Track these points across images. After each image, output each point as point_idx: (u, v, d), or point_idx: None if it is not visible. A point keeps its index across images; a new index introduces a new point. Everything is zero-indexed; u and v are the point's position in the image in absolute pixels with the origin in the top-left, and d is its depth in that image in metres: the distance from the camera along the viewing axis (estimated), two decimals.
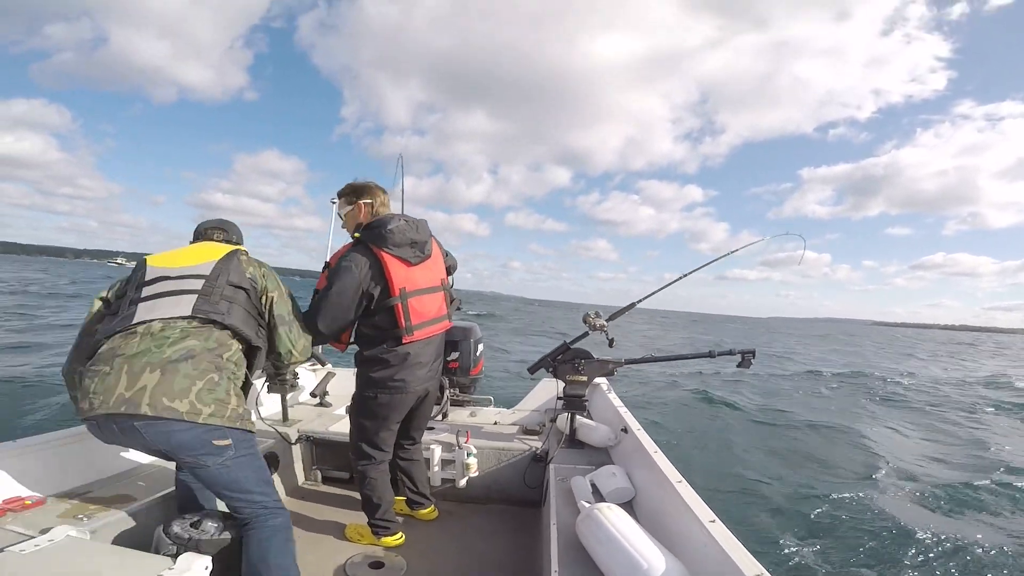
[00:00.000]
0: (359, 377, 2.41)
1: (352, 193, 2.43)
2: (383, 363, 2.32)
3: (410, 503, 2.78)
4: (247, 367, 1.90)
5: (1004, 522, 5.14)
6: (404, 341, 2.31)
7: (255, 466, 1.84)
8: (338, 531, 2.63)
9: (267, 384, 2.93)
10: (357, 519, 2.63)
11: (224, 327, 1.83)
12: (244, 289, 1.93)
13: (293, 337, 2.04)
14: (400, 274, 2.27)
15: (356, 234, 2.34)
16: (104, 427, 1.65)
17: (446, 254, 2.66)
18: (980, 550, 4.45)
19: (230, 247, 2.05)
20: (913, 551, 4.44)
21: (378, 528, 2.49)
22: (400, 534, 2.52)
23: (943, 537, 4.66)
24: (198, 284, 1.86)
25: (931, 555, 4.40)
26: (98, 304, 1.96)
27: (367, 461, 2.46)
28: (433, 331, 2.43)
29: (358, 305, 2.24)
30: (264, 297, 1.99)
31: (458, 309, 2.78)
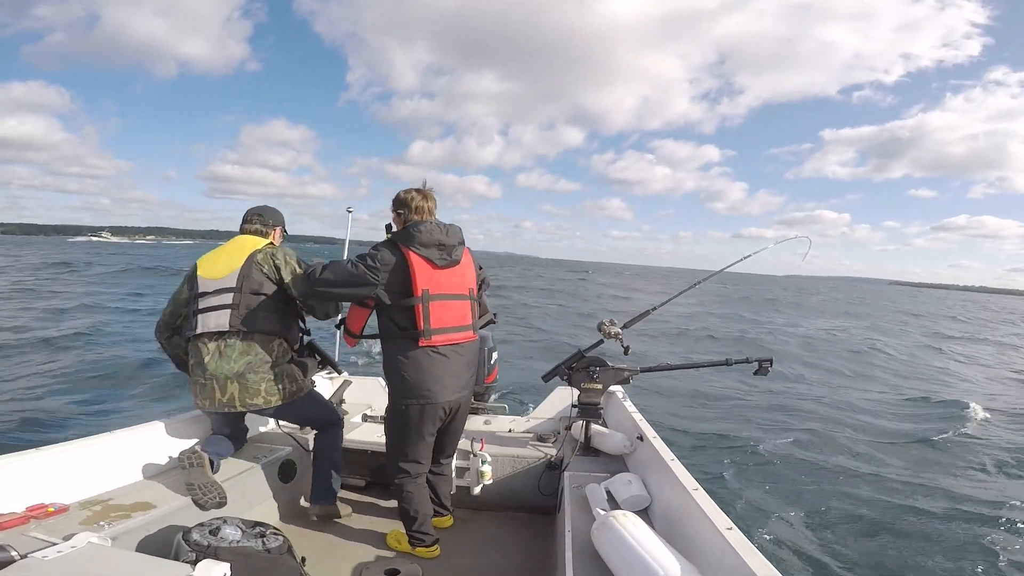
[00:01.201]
0: (390, 387, 2.44)
1: (393, 204, 2.50)
2: (405, 368, 2.32)
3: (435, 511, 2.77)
4: (292, 336, 2.62)
5: None
6: (420, 344, 2.30)
7: (313, 404, 2.73)
8: (354, 537, 2.64)
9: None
10: (375, 526, 2.67)
11: (263, 333, 2.47)
12: (264, 295, 2.48)
13: (312, 306, 2.63)
14: (424, 274, 2.29)
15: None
16: (216, 417, 2.58)
17: (479, 267, 2.64)
18: None
19: (250, 249, 2.54)
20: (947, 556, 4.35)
21: (414, 540, 2.48)
22: (436, 547, 2.49)
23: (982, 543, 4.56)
24: (229, 298, 2.45)
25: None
26: (185, 292, 2.60)
27: (404, 475, 2.46)
28: (455, 339, 2.39)
29: (348, 291, 2.36)
30: (283, 283, 2.53)
31: (492, 323, 2.79)
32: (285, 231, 2.87)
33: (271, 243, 2.67)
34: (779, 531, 4.69)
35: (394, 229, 2.46)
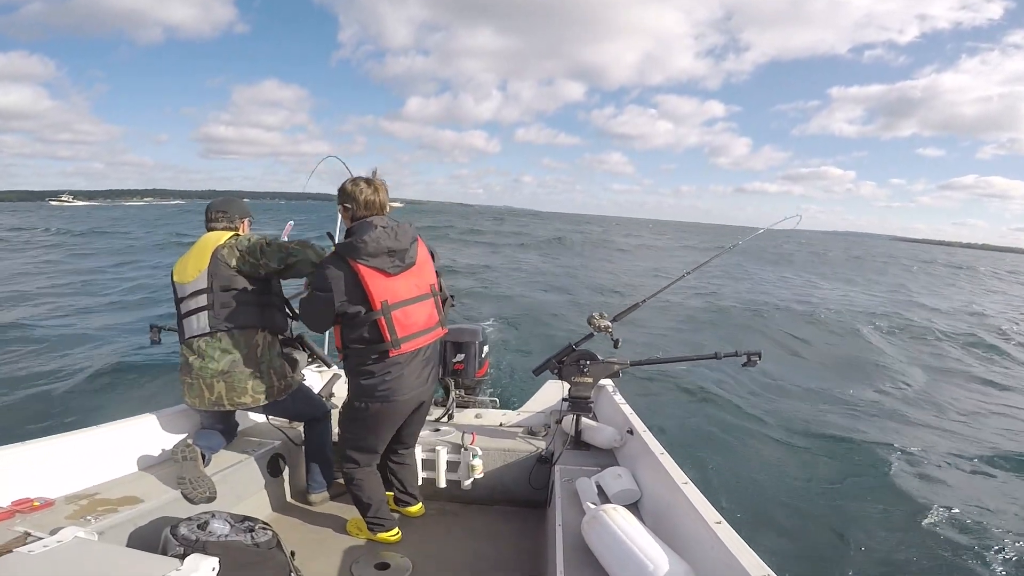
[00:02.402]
0: (349, 385, 2.40)
1: (339, 196, 2.34)
2: (370, 374, 2.28)
3: (397, 501, 2.79)
4: (280, 330, 2.63)
5: None
6: (391, 354, 2.24)
7: (303, 400, 2.75)
8: (344, 530, 2.64)
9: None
10: (358, 515, 2.65)
11: (242, 328, 2.45)
12: (235, 288, 2.43)
13: (293, 263, 2.46)
14: (380, 286, 2.19)
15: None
16: (207, 414, 2.56)
17: (433, 254, 2.54)
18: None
19: (213, 245, 2.46)
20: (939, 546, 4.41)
21: (373, 526, 2.50)
22: (396, 530, 2.52)
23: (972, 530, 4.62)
24: (203, 299, 2.43)
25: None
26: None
27: (353, 465, 2.46)
28: (424, 341, 2.35)
29: (336, 314, 2.23)
30: (258, 265, 2.44)
31: (452, 307, 2.75)
32: (252, 219, 2.78)
33: (235, 234, 2.59)
34: (768, 524, 4.74)
35: (337, 231, 2.32)
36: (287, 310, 2.71)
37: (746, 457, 6.39)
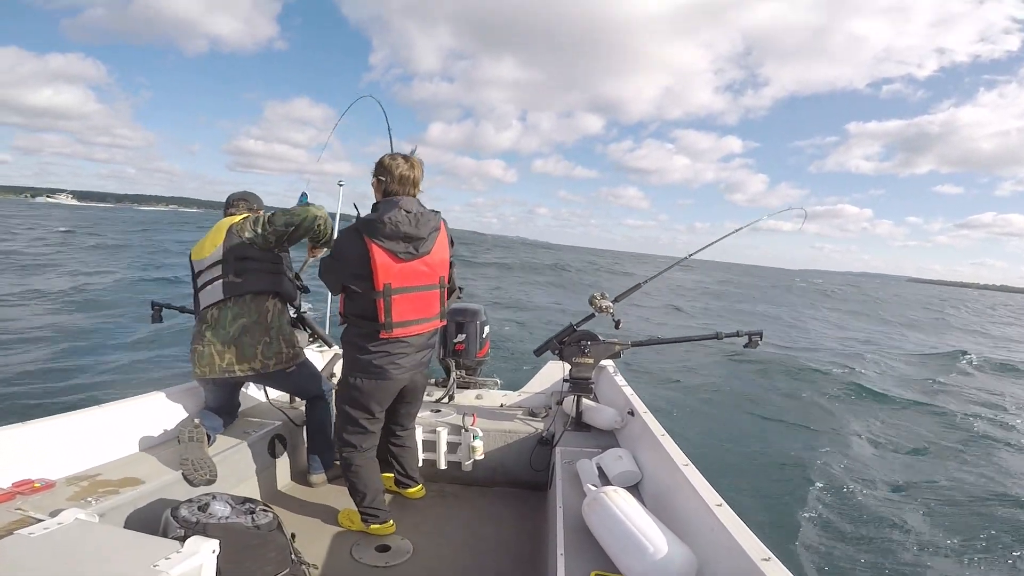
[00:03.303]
0: (344, 360, 2.43)
1: (375, 169, 2.34)
2: (364, 350, 2.30)
3: (398, 483, 2.80)
4: (290, 300, 2.74)
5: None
6: (381, 336, 2.26)
7: (308, 373, 2.79)
8: (346, 518, 2.64)
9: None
10: (352, 504, 2.65)
11: (254, 294, 2.54)
12: (247, 256, 2.53)
13: (299, 223, 2.52)
14: (387, 268, 2.19)
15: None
16: (215, 384, 2.55)
17: (452, 243, 2.50)
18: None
19: (227, 224, 2.59)
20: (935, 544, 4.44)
21: (367, 516, 2.46)
22: (390, 522, 2.48)
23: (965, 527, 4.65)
24: (218, 270, 2.52)
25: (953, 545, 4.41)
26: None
27: (350, 449, 2.44)
28: (418, 330, 2.34)
29: (343, 285, 2.31)
30: (268, 233, 2.53)
31: (458, 299, 2.74)
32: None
33: (247, 216, 2.68)
34: (769, 507, 4.77)
35: (362, 206, 2.30)
36: (297, 281, 2.82)
37: (756, 442, 6.43)
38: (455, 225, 2.57)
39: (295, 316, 2.94)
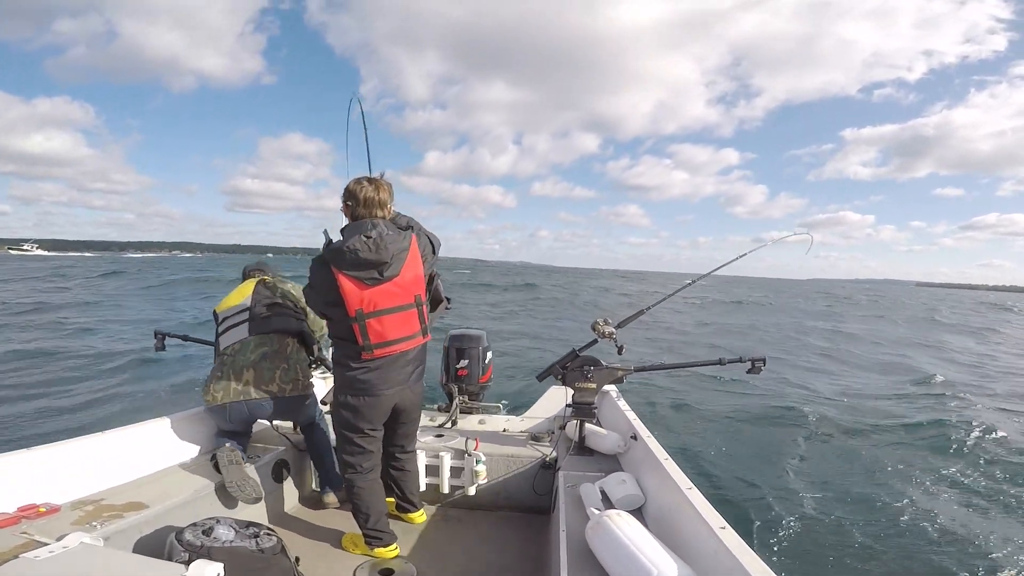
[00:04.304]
0: (334, 377, 2.47)
1: (343, 195, 2.39)
2: (349, 368, 2.34)
3: (398, 507, 2.79)
4: (309, 346, 2.90)
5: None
6: (363, 357, 2.29)
7: (314, 401, 2.86)
8: (349, 540, 2.63)
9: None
10: (357, 528, 2.64)
11: (276, 332, 2.73)
12: (276, 303, 2.81)
13: (310, 321, 2.93)
14: (355, 295, 2.21)
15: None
16: (231, 409, 2.57)
17: (432, 252, 2.48)
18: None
19: (256, 280, 2.93)
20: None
21: (370, 539, 2.45)
22: (394, 546, 2.47)
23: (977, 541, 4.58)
24: (245, 316, 2.75)
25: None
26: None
27: (352, 471, 2.45)
28: (401, 348, 2.34)
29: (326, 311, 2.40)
30: (296, 303, 2.87)
31: (447, 310, 2.75)
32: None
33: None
34: (774, 531, 4.71)
35: (331, 232, 2.37)
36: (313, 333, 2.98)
37: (760, 463, 6.36)
38: (456, 254, 2.60)
39: (313, 358, 3.07)
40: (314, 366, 3.23)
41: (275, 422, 2.99)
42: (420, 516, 2.81)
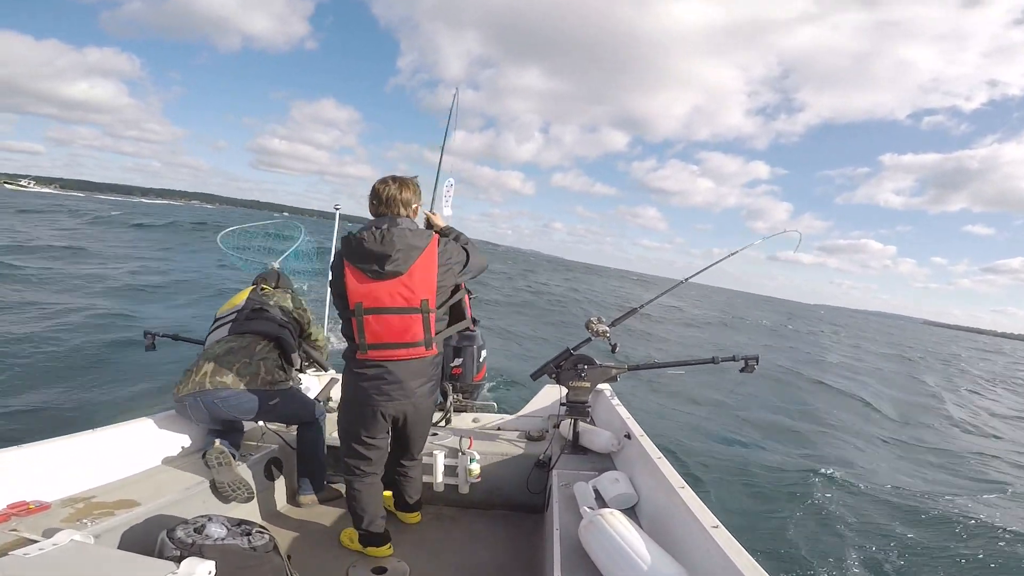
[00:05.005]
0: (341, 385, 2.45)
1: (370, 192, 2.39)
2: (350, 368, 2.32)
3: (397, 505, 2.79)
4: (286, 352, 2.92)
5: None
6: (358, 357, 2.25)
7: (296, 400, 2.85)
8: (340, 535, 2.63)
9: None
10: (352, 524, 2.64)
11: (252, 334, 2.80)
12: (262, 308, 2.92)
13: (312, 331, 3.21)
14: (356, 288, 2.19)
15: None
16: (190, 404, 2.59)
17: (461, 265, 2.37)
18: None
19: (250, 290, 3.09)
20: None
21: (364, 539, 2.47)
22: (388, 546, 2.47)
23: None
24: (233, 316, 2.89)
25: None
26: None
27: (350, 475, 2.44)
28: (395, 355, 2.24)
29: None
30: (290, 313, 3.05)
31: (470, 330, 2.73)
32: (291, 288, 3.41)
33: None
34: (766, 529, 4.74)
35: (342, 206, 2.42)
36: (297, 338, 3.07)
37: (751, 464, 6.41)
38: (467, 233, 2.53)
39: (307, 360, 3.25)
40: (305, 364, 3.27)
41: (265, 422, 2.99)
42: (415, 517, 2.80)
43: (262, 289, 3.12)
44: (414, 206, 2.36)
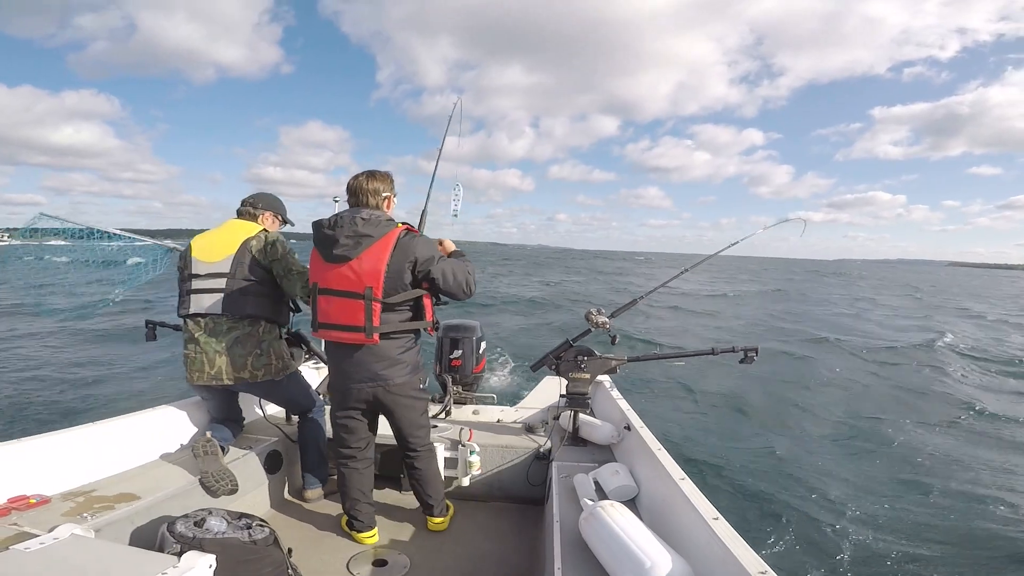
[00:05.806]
0: None
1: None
2: (326, 352, 2.51)
3: (424, 509, 2.70)
4: (281, 319, 2.75)
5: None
6: (313, 335, 2.43)
7: (297, 386, 2.84)
8: (340, 529, 2.64)
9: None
10: None
11: (252, 316, 2.60)
12: (257, 279, 2.60)
13: (288, 287, 2.66)
14: (315, 268, 2.35)
15: None
16: (209, 391, 2.64)
17: (420, 260, 2.28)
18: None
19: (243, 235, 2.64)
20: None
21: (349, 520, 2.56)
22: (372, 532, 2.52)
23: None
24: (222, 283, 2.56)
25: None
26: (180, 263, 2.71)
27: (338, 456, 2.55)
28: (341, 338, 2.31)
29: None
30: (273, 263, 2.63)
31: (435, 330, 2.59)
32: (283, 218, 2.97)
33: (264, 229, 2.74)
34: (766, 520, 4.76)
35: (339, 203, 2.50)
36: (292, 305, 2.86)
37: (751, 454, 6.42)
38: (474, 237, 2.53)
39: (292, 333, 2.95)
40: (308, 356, 3.23)
41: (267, 413, 2.99)
42: (439, 523, 2.67)
43: (256, 239, 2.66)
44: (385, 195, 2.40)
